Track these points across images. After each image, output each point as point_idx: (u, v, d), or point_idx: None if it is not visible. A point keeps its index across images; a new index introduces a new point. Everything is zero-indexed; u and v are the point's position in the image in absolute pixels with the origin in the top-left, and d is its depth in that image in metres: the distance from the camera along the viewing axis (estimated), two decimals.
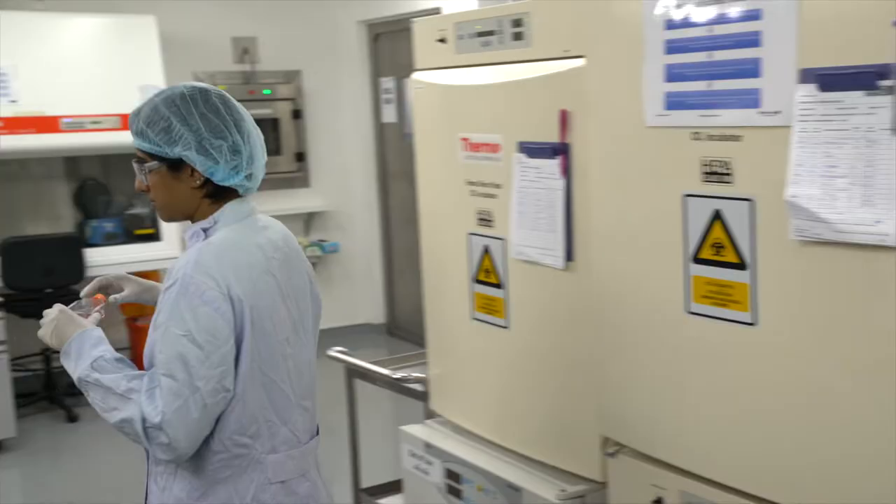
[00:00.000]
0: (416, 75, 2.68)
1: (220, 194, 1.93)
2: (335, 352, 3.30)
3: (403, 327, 7.43)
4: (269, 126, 6.99)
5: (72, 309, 2.01)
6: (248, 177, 1.94)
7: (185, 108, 1.87)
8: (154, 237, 6.08)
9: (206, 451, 1.87)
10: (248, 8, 6.90)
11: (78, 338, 1.90)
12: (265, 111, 6.95)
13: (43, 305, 2.28)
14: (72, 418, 5.60)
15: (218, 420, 1.85)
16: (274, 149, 7.03)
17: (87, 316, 2.01)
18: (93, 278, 2.16)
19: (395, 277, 7.51)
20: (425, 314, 2.78)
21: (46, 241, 5.60)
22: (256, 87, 6.93)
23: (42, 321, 1.98)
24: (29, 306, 5.15)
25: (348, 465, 3.52)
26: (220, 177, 1.89)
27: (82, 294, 2.09)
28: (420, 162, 2.73)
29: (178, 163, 1.88)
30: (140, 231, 6.13)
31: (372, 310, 7.57)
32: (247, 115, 1.96)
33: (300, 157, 7.17)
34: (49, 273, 5.42)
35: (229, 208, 1.94)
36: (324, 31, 7.23)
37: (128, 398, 1.81)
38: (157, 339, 1.82)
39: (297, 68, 7.15)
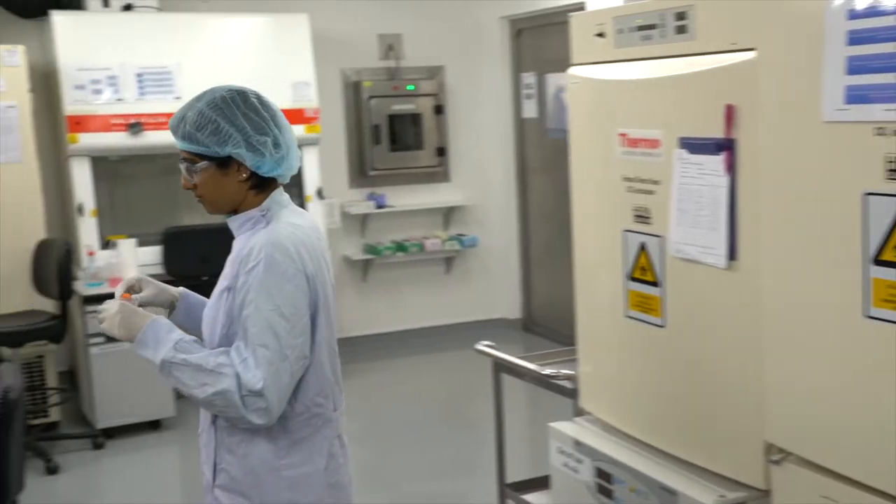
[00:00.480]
0: (571, 70, 2.66)
1: (263, 185, 2.11)
2: (483, 346, 3.31)
3: (540, 323, 7.40)
4: (411, 121, 7.08)
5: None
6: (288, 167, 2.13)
7: (229, 110, 2.03)
8: None
9: (289, 413, 2.08)
10: (394, 6, 7.00)
11: (152, 326, 2.07)
12: (408, 106, 7.04)
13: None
14: None
15: (299, 384, 2.07)
16: (415, 143, 7.12)
17: None
18: None
19: (533, 273, 7.49)
20: (576, 310, 2.75)
21: (203, 231, 5.82)
22: (400, 82, 7.02)
23: (102, 315, 2.13)
24: None
25: (492, 460, 3.53)
26: (266, 169, 2.07)
27: (116, 293, 2.23)
28: (574, 157, 2.70)
29: (227, 160, 2.05)
30: None
31: (508, 305, 7.57)
32: (278, 110, 2.12)
33: (441, 151, 7.23)
34: (205, 261, 5.60)
35: (275, 197, 2.13)
36: (467, 28, 7.27)
37: (219, 372, 1.99)
38: (248, 315, 2.00)
39: (440, 64, 7.21)
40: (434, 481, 4.78)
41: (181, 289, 2.38)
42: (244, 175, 2.07)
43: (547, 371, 2.95)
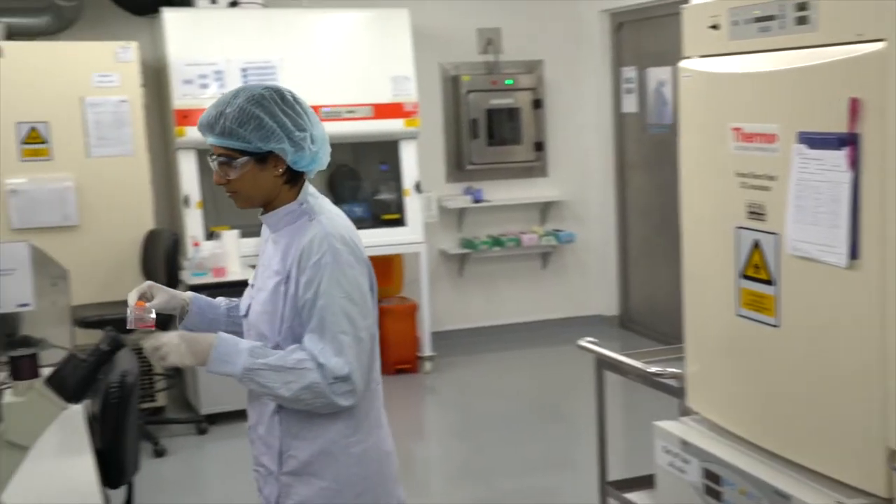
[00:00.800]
0: (683, 63, 2.61)
1: (295, 179, 2.17)
2: (586, 342, 3.28)
3: (636, 320, 7.31)
4: (508, 116, 7.07)
5: (128, 316, 2.19)
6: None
7: (270, 107, 2.07)
8: (399, 222, 6.30)
9: None
10: (493, 0, 6.99)
11: (219, 343, 2.09)
12: (506, 101, 7.03)
13: None
14: None
15: None
16: (513, 138, 7.10)
17: (151, 322, 2.18)
18: None
19: (630, 269, 7.41)
20: (684, 308, 2.71)
21: None
22: (499, 77, 7.02)
23: (163, 350, 2.06)
24: None
25: (587, 456, 3.50)
26: (304, 164, 2.13)
27: (129, 301, 2.23)
28: (684, 152, 2.65)
29: (265, 155, 2.09)
30: (387, 216, 6.37)
31: (605, 301, 7.50)
32: (309, 107, 2.17)
33: (539, 146, 7.20)
34: None
35: (307, 189, 2.19)
36: (566, 21, 7.21)
37: (301, 368, 2.05)
38: (323, 305, 2.06)
39: (539, 58, 7.18)
40: (528, 477, 4.77)
41: (190, 293, 2.41)
42: (280, 170, 2.12)
43: (653, 369, 2.91)
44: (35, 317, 3.71)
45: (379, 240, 6.18)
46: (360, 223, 6.31)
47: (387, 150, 6.40)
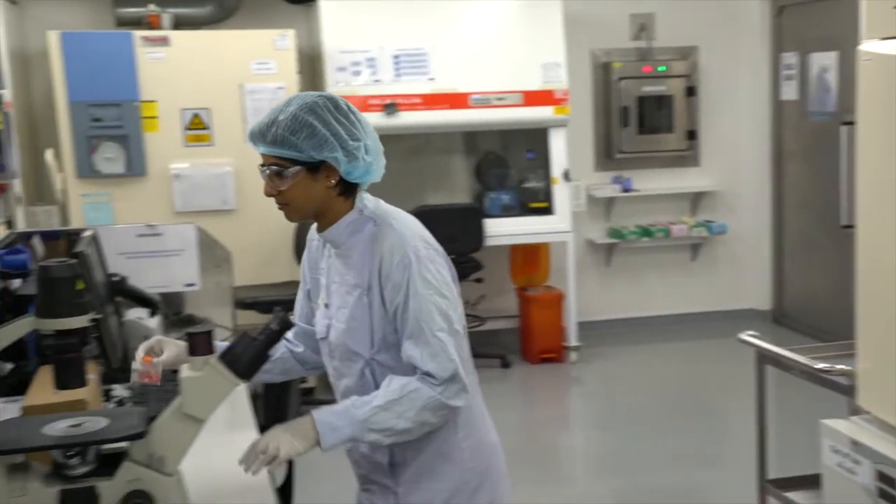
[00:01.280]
0: (864, 46, 2.47)
1: (348, 192, 2.06)
2: (748, 336, 3.18)
3: (791, 315, 7.05)
4: (660, 103, 6.92)
5: (134, 372, 2.13)
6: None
7: (323, 115, 1.97)
8: (547, 210, 6.26)
9: None
10: None
11: (320, 416, 1.99)
12: (658, 88, 6.88)
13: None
14: None
15: None
16: (664, 126, 6.95)
17: (156, 376, 2.12)
18: (489, 247, 2.28)
19: (786, 262, 7.14)
20: (857, 303, 2.58)
21: (451, 211, 5.97)
22: (652, 63, 6.87)
23: (271, 450, 1.95)
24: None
25: (738, 453, 3.39)
26: (357, 175, 2.02)
27: (137, 357, 2.15)
28: (863, 141, 2.52)
29: (318, 165, 1.99)
30: (534, 204, 6.34)
31: (758, 295, 7.26)
32: (363, 117, 2.06)
33: (691, 135, 7.02)
34: (452, 240, 5.76)
35: (365, 198, 2.09)
36: (724, 6, 7.00)
37: (408, 391, 1.97)
38: (416, 308, 1.99)
39: (694, 44, 6.98)
40: (673, 472, 4.66)
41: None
42: (333, 181, 2.02)
43: (820, 365, 2.79)
44: (199, 297, 3.85)
45: (526, 228, 6.17)
46: (507, 211, 6.33)
47: (535, 138, 6.36)
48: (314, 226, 2.17)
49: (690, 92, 6.94)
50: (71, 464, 1.89)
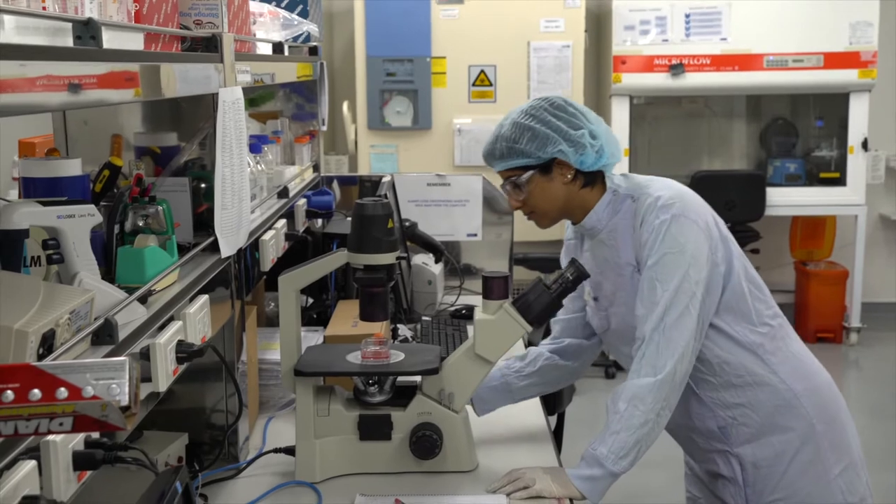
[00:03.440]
0: None
1: (591, 181, 2.04)
2: None
3: None
4: None
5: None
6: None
7: (540, 115, 2.00)
8: (839, 181, 5.90)
9: (772, 363, 2.08)
10: None
11: (576, 467, 1.94)
12: None
13: None
14: None
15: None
16: None
17: (386, 354, 2.05)
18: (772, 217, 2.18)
19: None
20: None
21: (730, 177, 5.77)
22: None
23: (527, 479, 1.94)
24: None
25: None
26: (590, 163, 2.00)
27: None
28: None
29: (549, 164, 2.00)
30: (825, 174, 5.99)
31: None
32: (584, 107, 2.05)
33: None
34: (730, 207, 5.59)
35: (615, 178, 2.07)
36: None
37: (634, 406, 1.91)
38: (653, 265, 1.95)
39: None
40: None
41: None
42: (569, 175, 2.02)
43: None
44: (477, 247, 3.98)
45: (812, 199, 5.85)
46: (793, 180, 6.02)
47: (828, 103, 5.99)
48: (569, 225, 2.20)
49: None
50: (370, 391, 2.03)
